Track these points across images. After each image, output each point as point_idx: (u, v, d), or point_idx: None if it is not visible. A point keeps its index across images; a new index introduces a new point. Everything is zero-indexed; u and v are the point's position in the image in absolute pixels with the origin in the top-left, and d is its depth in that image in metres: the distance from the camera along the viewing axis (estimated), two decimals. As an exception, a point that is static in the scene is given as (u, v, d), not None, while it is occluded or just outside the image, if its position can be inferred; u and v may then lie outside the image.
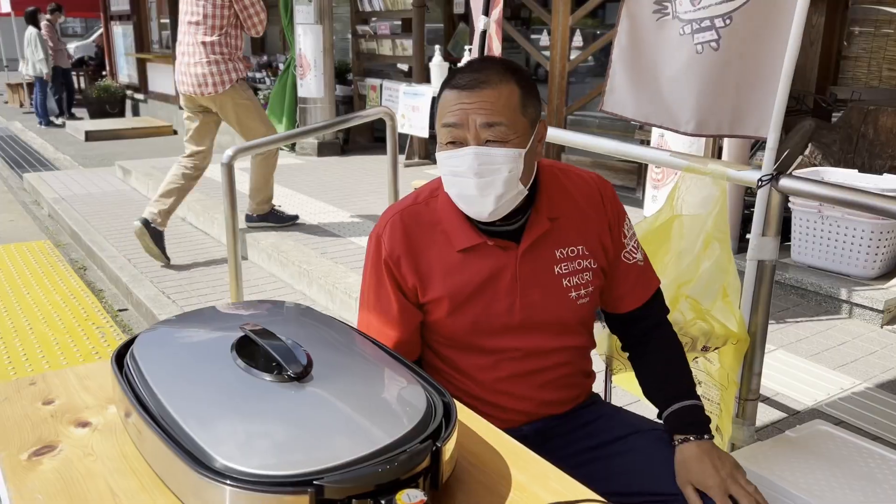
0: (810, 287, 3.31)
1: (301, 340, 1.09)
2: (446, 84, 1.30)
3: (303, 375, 1.01)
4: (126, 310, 3.95)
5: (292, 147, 7.17)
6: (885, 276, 3.33)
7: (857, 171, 3.47)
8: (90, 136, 9.94)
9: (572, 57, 5.51)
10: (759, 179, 1.68)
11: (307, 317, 1.23)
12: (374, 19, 7.28)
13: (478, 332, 1.38)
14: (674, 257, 1.82)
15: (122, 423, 1.11)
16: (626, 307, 1.48)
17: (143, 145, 9.36)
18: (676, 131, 1.99)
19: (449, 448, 0.95)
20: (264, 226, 4.53)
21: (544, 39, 6.78)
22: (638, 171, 5.10)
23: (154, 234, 4.15)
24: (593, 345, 1.51)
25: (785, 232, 3.85)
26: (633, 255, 1.46)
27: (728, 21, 1.84)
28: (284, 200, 5.26)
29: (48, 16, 11.65)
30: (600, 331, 1.68)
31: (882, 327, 3.09)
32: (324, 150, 7.07)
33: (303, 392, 0.99)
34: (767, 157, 1.69)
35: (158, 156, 7.99)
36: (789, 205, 3.59)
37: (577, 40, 6.02)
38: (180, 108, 4.66)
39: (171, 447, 0.91)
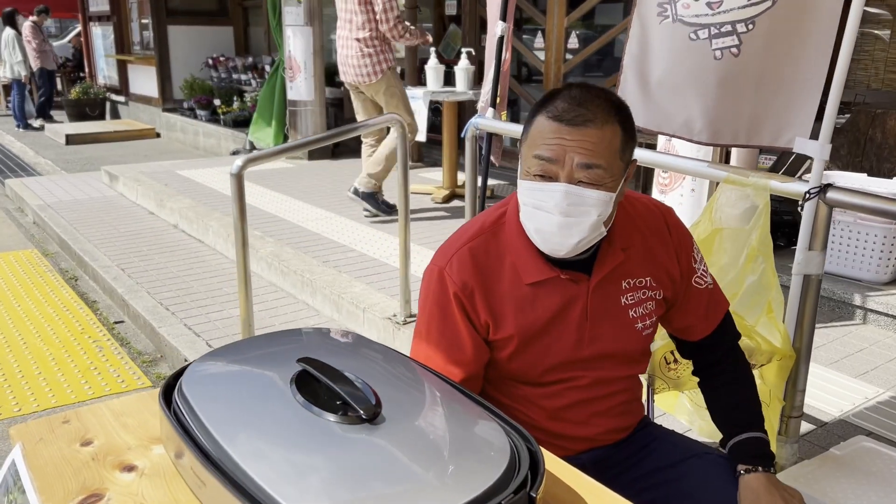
0: (823, 293, 3.28)
1: (364, 376, 1.02)
2: (544, 110, 1.21)
3: (374, 417, 0.94)
4: (122, 322, 3.84)
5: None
6: (896, 280, 3.32)
7: (866, 175, 3.45)
8: (71, 139, 9.74)
9: (567, 58, 5.47)
10: (807, 192, 1.64)
11: (364, 348, 1.16)
12: (364, 21, 7.18)
13: (543, 367, 1.32)
14: (716, 272, 1.76)
15: (170, 466, 1.03)
16: (697, 335, 1.44)
17: (126, 149, 9.19)
18: (690, 140, 1.94)
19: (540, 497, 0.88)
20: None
21: (538, 41, 6.72)
22: (637, 175, 5.07)
23: (366, 197, 4.76)
24: (645, 369, 1.46)
25: (791, 235, 3.83)
26: (704, 280, 1.41)
27: (751, 26, 1.79)
28: (278, 205, 5.17)
29: (34, 17, 11.40)
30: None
31: (897, 333, 3.08)
32: (314, 153, 6.97)
33: (376, 436, 0.92)
34: (815, 170, 1.65)
35: (143, 159, 7.85)
36: (799, 209, 3.56)
37: (572, 42, 5.96)
38: (164, 110, 4.73)
39: (241, 499, 0.84)
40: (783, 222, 3.83)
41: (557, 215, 1.19)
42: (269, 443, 0.93)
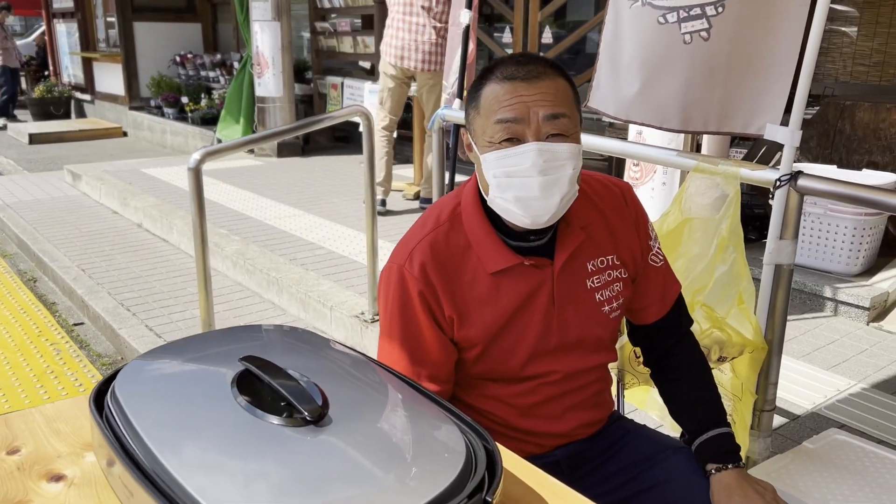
0: (794, 285, 3.27)
1: (312, 375, 0.96)
2: (491, 78, 1.18)
3: (319, 418, 0.87)
4: (82, 324, 3.72)
5: (250, 149, 6.94)
6: (867, 272, 3.31)
7: (835, 167, 3.44)
8: (34, 138, 9.51)
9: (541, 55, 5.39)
10: (778, 180, 1.60)
11: (314, 345, 1.09)
12: (333, 16, 7.09)
13: (513, 362, 1.26)
14: (686, 263, 1.72)
15: (102, 475, 0.95)
16: (652, 317, 1.38)
17: (92, 148, 9.00)
18: (659, 128, 1.89)
19: (497, 501, 0.82)
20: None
21: (506, 37, 6.67)
22: (608, 169, 5.04)
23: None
24: (616, 357, 1.41)
25: (762, 229, 3.82)
26: (659, 258, 1.38)
27: (721, 9, 1.75)
28: (245, 203, 5.07)
29: None
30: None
31: (868, 324, 3.06)
32: (284, 150, 6.87)
33: (321, 439, 0.85)
34: (786, 156, 1.61)
35: (108, 158, 7.68)
36: (769, 201, 3.55)
37: (546, 37, 5.87)
38: (131, 108, 4.53)
39: (171, 512, 0.77)
40: (754, 216, 3.81)
41: (536, 176, 1.14)
42: (206, 449, 0.86)
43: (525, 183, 1.15)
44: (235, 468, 0.82)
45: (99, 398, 0.97)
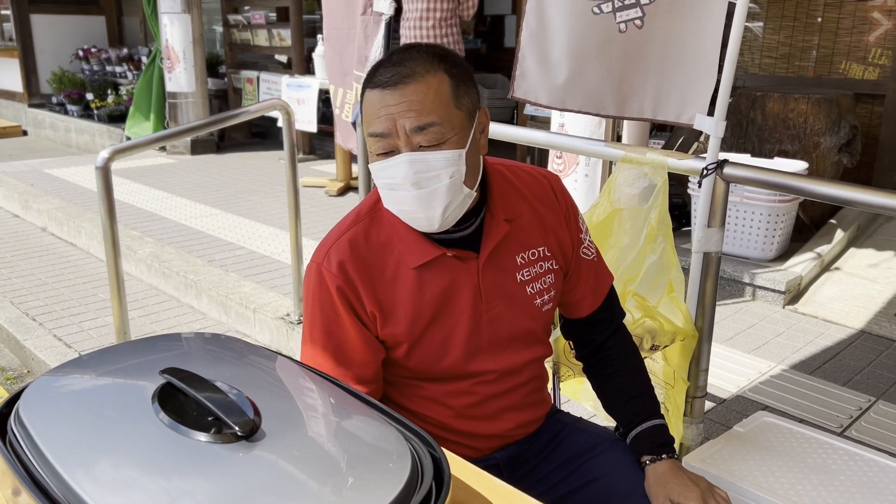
0: (714, 272, 3.35)
1: (240, 385, 0.89)
2: (368, 82, 1.12)
3: (251, 432, 0.81)
4: (-18, 336, 3.47)
5: (162, 147, 6.67)
6: (780, 257, 3.43)
7: (749, 155, 3.56)
8: (-77, 139, 8.88)
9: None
10: (705, 168, 1.62)
11: (240, 352, 1.02)
12: (246, 8, 6.88)
13: (445, 359, 1.23)
14: (617, 254, 1.72)
15: (7, 507, 0.86)
16: (585, 310, 1.37)
17: (-12, 148, 8.46)
18: (597, 115, 1.90)
19: (447, 511, 0.78)
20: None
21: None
22: (531, 160, 5.06)
23: None
24: (551, 351, 1.39)
25: (681, 218, 3.92)
26: (591, 251, 1.36)
27: None
28: (159, 203, 4.87)
29: None
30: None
31: (784, 307, 3.18)
32: (198, 147, 6.63)
33: (254, 454, 0.79)
34: (712, 146, 1.63)
35: (7, 159, 7.24)
36: (689, 191, 3.64)
37: None
38: (30, 106, 4.24)
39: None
40: (672, 205, 3.91)
41: (410, 189, 1.10)
42: (125, 473, 0.78)
43: (403, 197, 1.12)
44: (159, 491, 0.75)
45: (1, 421, 0.88)
